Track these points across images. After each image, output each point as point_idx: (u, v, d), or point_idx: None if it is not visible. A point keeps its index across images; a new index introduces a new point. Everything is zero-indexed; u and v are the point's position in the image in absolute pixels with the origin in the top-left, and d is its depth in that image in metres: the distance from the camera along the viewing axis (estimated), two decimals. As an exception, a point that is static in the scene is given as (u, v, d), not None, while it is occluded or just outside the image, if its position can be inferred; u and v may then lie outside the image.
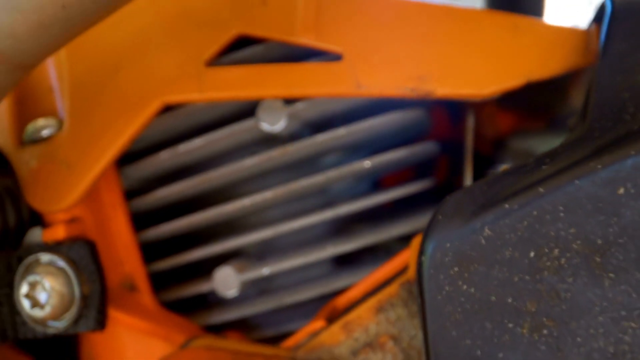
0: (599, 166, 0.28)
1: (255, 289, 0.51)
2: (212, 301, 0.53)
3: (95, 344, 0.47)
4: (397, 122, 0.46)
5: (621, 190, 0.28)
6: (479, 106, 0.53)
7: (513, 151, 0.54)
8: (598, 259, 0.29)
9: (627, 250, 0.28)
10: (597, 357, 0.29)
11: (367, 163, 0.46)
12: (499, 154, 0.54)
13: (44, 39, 0.30)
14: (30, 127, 0.44)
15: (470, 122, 0.49)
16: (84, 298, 0.39)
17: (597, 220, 0.29)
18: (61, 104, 0.45)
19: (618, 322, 0.29)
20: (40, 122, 0.44)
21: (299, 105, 0.45)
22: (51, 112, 0.46)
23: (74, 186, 0.43)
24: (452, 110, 0.57)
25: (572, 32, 0.41)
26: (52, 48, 0.31)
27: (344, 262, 0.52)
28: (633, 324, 0.29)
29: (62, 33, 0.30)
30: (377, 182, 0.59)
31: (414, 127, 0.49)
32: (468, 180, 0.49)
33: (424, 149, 0.48)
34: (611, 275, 0.29)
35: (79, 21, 0.29)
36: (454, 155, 0.56)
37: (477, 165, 0.50)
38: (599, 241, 0.29)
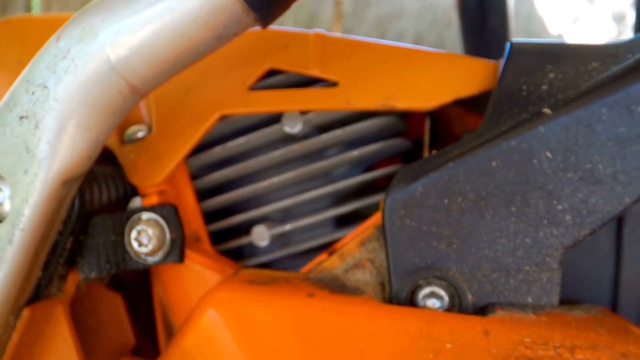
0: (482, 149, 0.49)
1: (278, 244, 0.69)
2: (247, 253, 0.70)
3: (171, 276, 0.65)
4: (376, 125, 0.64)
5: (493, 164, 0.48)
6: (449, 110, 0.72)
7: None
8: (483, 203, 0.49)
9: (498, 197, 0.48)
10: (484, 260, 0.49)
11: (355, 153, 0.64)
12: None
13: (159, 80, 0.49)
14: (129, 131, 0.63)
15: (427, 124, 0.67)
16: (172, 241, 0.58)
17: (482, 181, 0.49)
18: (147, 115, 0.65)
19: (495, 239, 0.49)
20: (135, 127, 0.64)
21: (310, 115, 0.64)
22: (139, 121, 0.65)
23: (161, 170, 0.62)
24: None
25: (487, 64, 0.60)
26: (161, 83, 0.51)
27: (342, 223, 0.70)
28: (504, 240, 0.49)
29: (170, 75, 0.49)
30: (371, 168, 0.75)
31: (389, 128, 0.67)
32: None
33: (395, 143, 0.66)
34: (490, 212, 0.49)
35: (181, 68, 0.49)
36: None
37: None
38: (483, 193, 0.49)
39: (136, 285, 0.76)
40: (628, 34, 6.57)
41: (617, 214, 0.47)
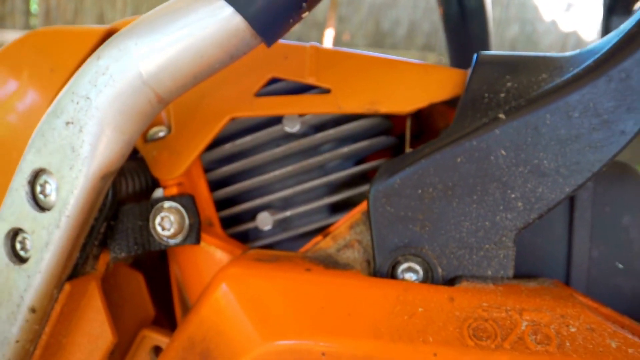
0: (449, 147, 0.58)
1: (280, 228, 0.76)
2: (253, 236, 0.78)
3: (186, 256, 0.73)
4: (363, 126, 0.73)
5: (458, 160, 0.58)
6: (433, 108, 0.80)
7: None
8: (450, 192, 0.58)
9: (462, 187, 0.58)
10: (451, 240, 0.59)
11: (345, 149, 0.73)
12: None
13: (181, 91, 0.58)
14: (151, 131, 0.72)
15: (407, 124, 0.75)
16: (190, 225, 0.67)
17: (449, 174, 0.58)
18: (166, 117, 0.73)
19: (460, 223, 0.59)
20: (156, 128, 0.72)
21: (307, 117, 0.72)
22: (159, 123, 0.73)
23: (180, 165, 0.70)
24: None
25: (457, 73, 0.69)
26: (183, 93, 0.59)
27: (335, 209, 0.78)
28: (467, 223, 0.59)
29: (190, 87, 0.58)
30: (362, 161, 0.82)
31: (375, 128, 0.75)
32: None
33: (380, 140, 0.74)
34: (456, 200, 0.58)
35: (199, 81, 0.58)
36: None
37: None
38: (450, 184, 0.58)
39: (154, 266, 0.84)
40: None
41: (560, 201, 0.56)
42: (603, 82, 0.54)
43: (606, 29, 1.11)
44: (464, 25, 1.07)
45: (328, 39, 6.36)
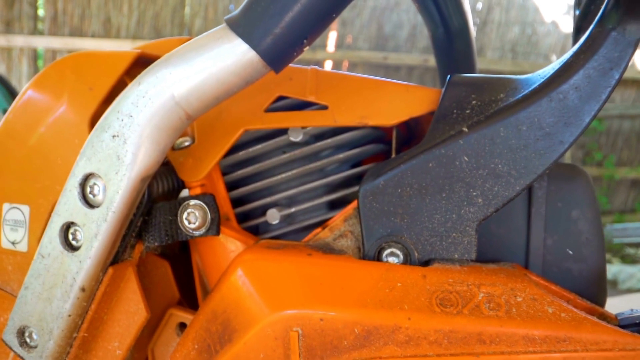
0: (422, 155, 0.71)
1: (285, 222, 0.84)
2: (262, 229, 0.86)
3: (207, 246, 0.82)
4: (355, 136, 0.83)
5: (430, 165, 0.71)
6: (421, 117, 0.91)
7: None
8: (424, 191, 0.71)
9: (434, 187, 0.71)
10: (425, 230, 0.72)
11: (340, 155, 0.83)
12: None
13: (205, 109, 0.67)
14: (178, 141, 0.82)
15: (394, 134, 0.86)
16: (211, 220, 0.76)
17: (423, 176, 0.70)
18: (190, 130, 0.83)
19: (432, 215, 0.72)
20: (182, 139, 0.83)
21: (308, 129, 0.82)
22: (185, 134, 0.84)
23: (202, 170, 0.81)
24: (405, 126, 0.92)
25: (433, 92, 0.80)
26: (206, 112, 0.71)
27: (333, 206, 0.86)
28: (438, 216, 0.71)
29: (212, 106, 0.70)
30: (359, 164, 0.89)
31: (366, 137, 0.84)
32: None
33: (370, 148, 0.85)
34: (429, 197, 0.71)
35: (220, 102, 0.70)
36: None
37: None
38: (423, 184, 0.70)
39: (176, 257, 0.96)
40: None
41: (512, 198, 0.69)
42: (545, 102, 0.67)
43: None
44: (449, 45, 1.17)
45: (331, 43, 6.45)
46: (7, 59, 6.55)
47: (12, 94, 3.61)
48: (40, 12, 6.69)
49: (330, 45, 6.70)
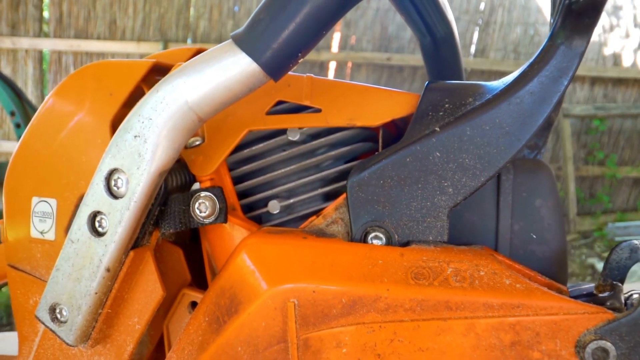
0: (401, 151, 0.82)
1: (285, 212, 0.91)
2: (265, 219, 0.93)
3: (215, 233, 0.91)
4: (346, 135, 0.92)
5: (407, 159, 0.81)
6: (409, 117, 1.01)
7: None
8: (402, 182, 0.82)
9: (411, 179, 0.82)
10: (404, 215, 0.83)
11: (333, 152, 0.91)
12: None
13: (214, 113, 0.80)
14: (190, 141, 0.92)
15: (380, 133, 0.94)
16: (220, 209, 0.85)
17: (401, 169, 0.81)
18: (200, 130, 0.93)
19: (410, 203, 0.83)
20: (193, 138, 0.92)
21: (305, 129, 0.90)
22: (196, 134, 0.92)
23: (211, 166, 0.90)
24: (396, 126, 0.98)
25: (413, 96, 0.90)
26: (215, 115, 0.82)
27: (327, 198, 0.93)
28: (415, 203, 0.82)
29: (221, 110, 0.81)
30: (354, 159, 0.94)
31: (355, 137, 0.92)
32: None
33: (359, 146, 0.94)
34: (407, 187, 0.82)
35: (227, 106, 0.79)
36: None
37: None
38: (402, 176, 0.82)
39: (188, 246, 1.05)
40: (622, 25, 6.71)
41: (478, 187, 0.79)
42: (505, 105, 0.78)
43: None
44: (436, 52, 1.26)
45: (335, 44, 6.52)
46: (12, 61, 6.64)
47: (18, 95, 3.65)
48: (46, 14, 6.76)
49: (334, 46, 6.76)
